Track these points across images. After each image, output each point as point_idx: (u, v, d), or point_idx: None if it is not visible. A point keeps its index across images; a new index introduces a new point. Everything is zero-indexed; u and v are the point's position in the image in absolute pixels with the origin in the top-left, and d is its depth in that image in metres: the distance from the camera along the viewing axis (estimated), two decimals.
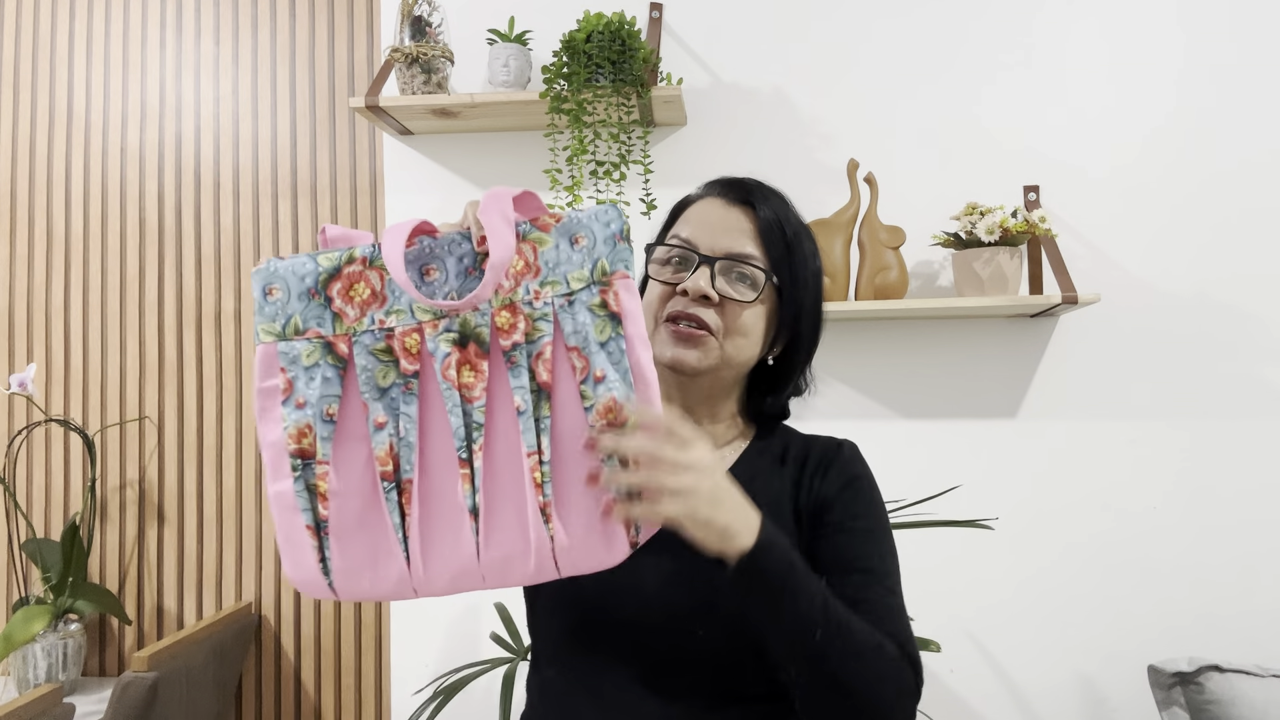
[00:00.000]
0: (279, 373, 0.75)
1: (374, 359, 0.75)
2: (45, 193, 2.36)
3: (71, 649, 2.08)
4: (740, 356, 0.97)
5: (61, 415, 2.32)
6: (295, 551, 0.75)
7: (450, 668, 2.02)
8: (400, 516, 0.75)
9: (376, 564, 0.75)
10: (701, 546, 0.77)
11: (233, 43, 2.32)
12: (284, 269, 0.76)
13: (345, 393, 0.75)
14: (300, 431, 0.74)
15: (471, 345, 0.75)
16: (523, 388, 0.75)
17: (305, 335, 0.75)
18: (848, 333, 2.04)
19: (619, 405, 0.76)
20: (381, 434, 0.75)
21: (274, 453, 0.75)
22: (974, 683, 1.99)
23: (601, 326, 0.77)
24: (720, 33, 2.12)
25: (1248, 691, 1.60)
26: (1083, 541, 1.98)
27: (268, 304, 0.76)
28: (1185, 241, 1.98)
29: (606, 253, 0.78)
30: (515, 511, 0.76)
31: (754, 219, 0.97)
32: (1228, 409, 1.96)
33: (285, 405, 0.75)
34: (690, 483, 0.75)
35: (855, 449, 1.04)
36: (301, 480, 0.74)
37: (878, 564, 0.94)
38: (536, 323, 0.76)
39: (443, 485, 0.75)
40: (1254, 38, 1.98)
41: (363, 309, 0.76)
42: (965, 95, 2.05)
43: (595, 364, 0.76)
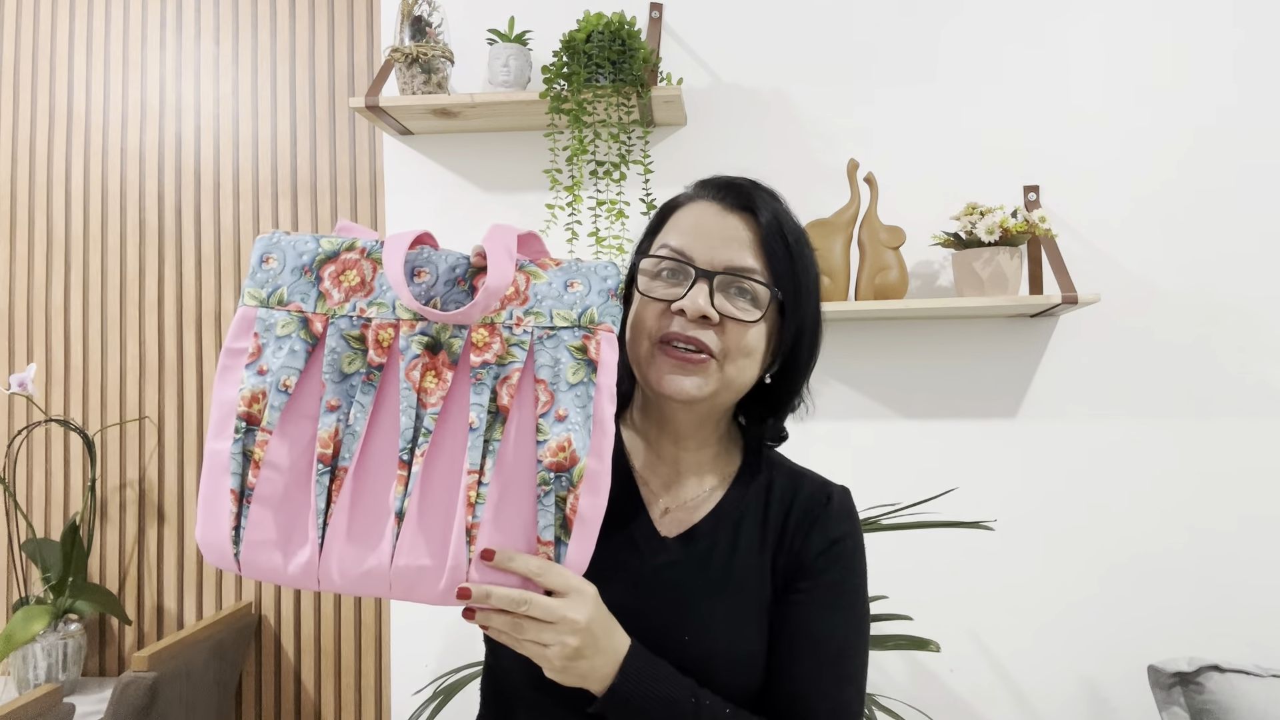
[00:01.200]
0: (251, 336, 0.77)
1: (345, 344, 0.77)
2: (45, 193, 2.36)
3: (71, 649, 2.08)
4: (742, 379, 0.89)
5: (61, 415, 2.32)
6: (212, 513, 0.75)
7: (450, 668, 2.02)
8: (325, 503, 0.75)
9: (289, 545, 0.75)
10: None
11: (233, 43, 2.32)
12: (286, 242, 0.79)
13: (307, 369, 0.76)
14: (254, 396, 0.75)
15: (441, 353, 0.76)
16: (481, 405, 0.75)
17: (287, 307, 0.77)
18: (848, 333, 2.04)
19: (571, 447, 0.75)
20: (330, 416, 0.75)
21: (223, 411, 0.76)
22: (974, 683, 1.99)
23: (576, 369, 0.77)
24: (720, 33, 2.12)
25: (1248, 691, 1.60)
26: (1082, 541, 1.98)
27: (261, 271, 0.78)
28: (1185, 241, 1.98)
29: (598, 303, 0.79)
30: (440, 525, 0.75)
31: (754, 227, 0.89)
32: (1227, 409, 1.96)
33: (248, 369, 0.76)
34: (549, 639, 0.74)
35: (845, 499, 0.96)
36: (240, 443, 0.75)
37: (834, 640, 0.89)
38: (511, 347, 0.77)
39: (376, 482, 0.76)
40: (1254, 38, 1.98)
41: (348, 294, 0.77)
42: (965, 95, 2.05)
43: (561, 401, 0.76)
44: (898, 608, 1.79)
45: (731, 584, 0.90)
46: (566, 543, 0.75)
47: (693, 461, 0.96)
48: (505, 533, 0.75)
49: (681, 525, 0.93)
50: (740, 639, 0.88)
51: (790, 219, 0.92)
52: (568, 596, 0.75)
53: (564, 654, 0.75)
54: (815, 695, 0.87)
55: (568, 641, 0.74)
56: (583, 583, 0.76)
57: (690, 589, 0.90)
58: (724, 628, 0.88)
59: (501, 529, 0.75)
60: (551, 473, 0.75)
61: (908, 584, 1.90)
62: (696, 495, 0.95)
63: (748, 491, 0.95)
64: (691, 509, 0.94)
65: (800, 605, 0.90)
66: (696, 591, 0.90)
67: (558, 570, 0.75)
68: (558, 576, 0.75)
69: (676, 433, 0.95)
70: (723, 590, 0.90)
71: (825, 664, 0.88)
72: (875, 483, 1.93)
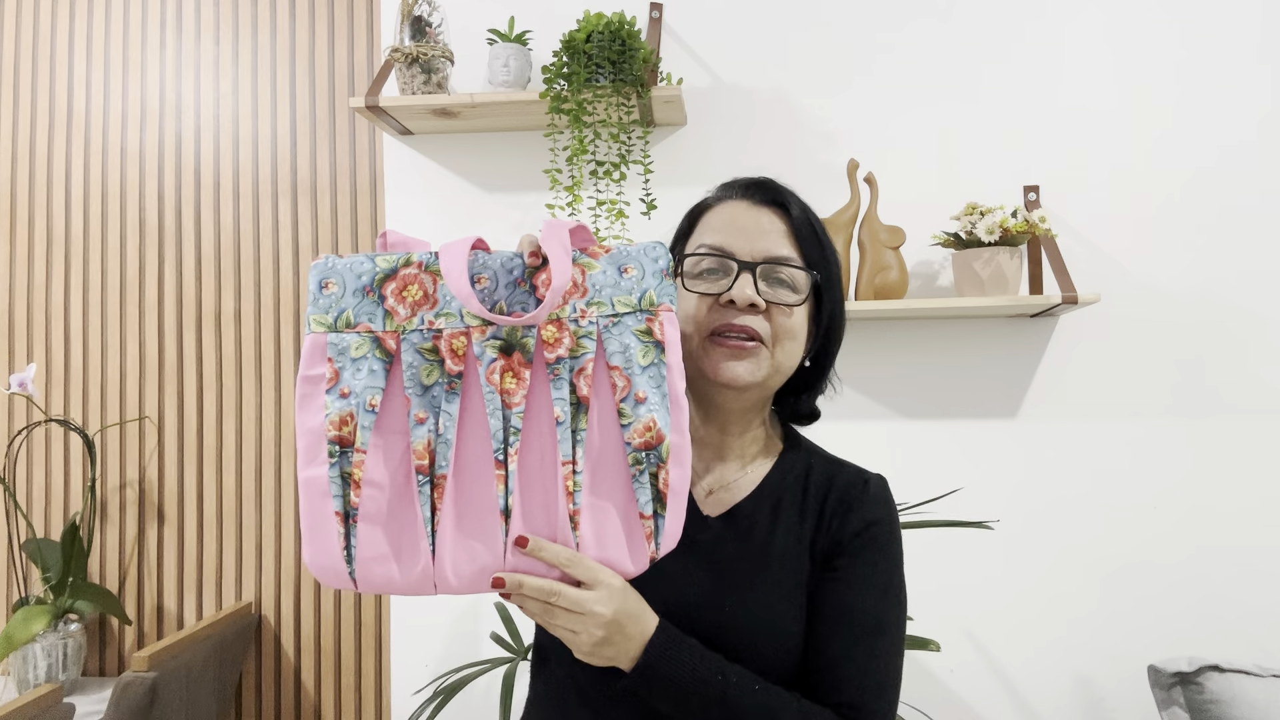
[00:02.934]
0: (325, 362, 0.78)
1: (420, 357, 0.78)
2: (45, 193, 2.36)
3: (71, 649, 2.08)
4: (790, 362, 0.96)
5: (61, 415, 2.32)
6: (320, 538, 0.77)
7: (450, 668, 2.02)
8: (431, 511, 0.77)
9: (401, 556, 0.77)
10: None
11: (233, 43, 2.32)
12: (342, 266, 0.79)
13: (389, 386, 0.78)
14: (342, 419, 0.77)
15: (516, 354, 0.78)
16: (563, 399, 0.78)
17: (356, 329, 0.78)
18: (848, 333, 2.02)
19: (656, 426, 0.80)
20: (421, 429, 0.77)
21: (311, 439, 0.77)
22: (974, 683, 1.99)
23: (645, 351, 0.81)
24: (720, 33, 2.12)
25: (1248, 691, 1.60)
26: (1082, 541, 1.98)
27: (323, 297, 0.79)
28: (1185, 241, 1.98)
29: (654, 285, 0.82)
30: (545, 517, 0.79)
31: (786, 219, 0.96)
32: (1228, 409, 1.96)
33: (329, 394, 0.77)
34: (577, 627, 0.79)
35: (883, 486, 1.00)
36: (337, 467, 0.76)
37: (869, 618, 0.92)
38: (581, 339, 0.80)
39: (476, 484, 0.78)
40: (1254, 37, 1.98)
41: (414, 309, 0.78)
42: (965, 95, 2.05)
43: (637, 385, 0.80)
44: None
45: (771, 561, 0.94)
46: (664, 515, 0.80)
47: (735, 446, 1.00)
48: (606, 514, 0.80)
49: (724, 505, 0.97)
50: (777, 612, 0.91)
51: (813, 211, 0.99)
52: (595, 589, 0.78)
53: (591, 641, 0.79)
54: (847, 670, 0.89)
55: (594, 632, 0.79)
56: (610, 575, 0.79)
57: (731, 563, 0.93)
58: (763, 601, 0.92)
59: (601, 511, 0.80)
60: (642, 452, 0.80)
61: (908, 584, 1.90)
62: (738, 477, 0.99)
63: (787, 475, 0.99)
64: (734, 490, 0.99)
65: (837, 582, 0.93)
66: (737, 566, 0.93)
67: (586, 563, 0.78)
68: (585, 570, 0.78)
69: (724, 420, 0.99)
70: (762, 566, 0.93)
71: (859, 640, 0.91)
72: None
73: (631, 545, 0.80)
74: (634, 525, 0.80)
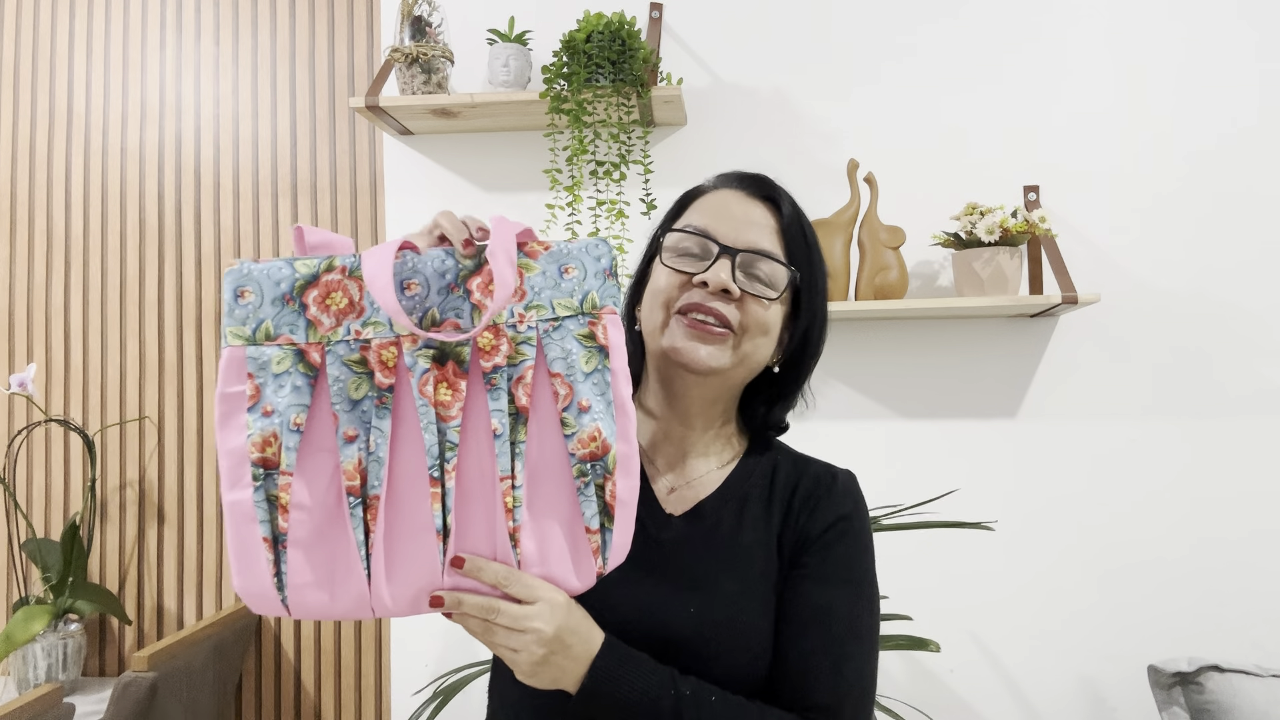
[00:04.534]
0: (246, 378, 0.72)
1: (347, 370, 0.73)
2: (45, 193, 2.36)
3: (71, 649, 2.08)
4: (756, 356, 0.93)
5: (61, 415, 2.32)
6: (249, 564, 0.72)
7: (450, 668, 2.02)
8: (364, 533, 0.73)
9: (334, 581, 0.73)
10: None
11: (233, 43, 2.32)
12: (259, 272, 0.73)
13: (315, 403, 0.73)
14: (265, 440, 0.71)
15: (450, 363, 0.74)
16: (501, 410, 0.74)
17: (276, 341, 0.73)
18: (848, 333, 2.04)
19: (602, 435, 0.76)
20: (351, 447, 0.72)
21: (234, 460, 0.72)
22: (974, 683, 2.00)
23: (589, 357, 0.77)
24: (720, 33, 2.12)
25: (1248, 691, 1.60)
26: (1082, 541, 1.98)
27: (239, 306, 0.73)
28: (1185, 241, 1.98)
29: (596, 286, 0.78)
30: (485, 534, 0.75)
31: (776, 215, 0.94)
32: (1228, 409, 1.96)
33: (251, 412, 0.72)
34: (517, 645, 0.76)
35: (851, 481, 0.98)
36: (262, 490, 0.71)
37: (839, 617, 0.89)
38: (519, 346, 0.75)
39: (411, 503, 0.74)
40: (1254, 38, 1.98)
41: (338, 318, 0.73)
42: (966, 95, 2.05)
43: (580, 393, 0.76)
44: (898, 608, 1.79)
45: (737, 559, 0.91)
46: (611, 528, 0.76)
47: (699, 442, 0.98)
48: (548, 529, 0.76)
49: (687, 503, 0.95)
50: (745, 613, 0.89)
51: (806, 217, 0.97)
52: (535, 605, 0.75)
53: (532, 660, 0.76)
54: (819, 672, 0.87)
55: (534, 650, 0.76)
56: (552, 591, 0.76)
57: (695, 564, 0.91)
58: (729, 601, 0.89)
59: (544, 526, 0.76)
60: (587, 463, 0.76)
61: (908, 584, 1.90)
62: (702, 474, 0.97)
63: (753, 472, 0.97)
64: (697, 487, 0.96)
65: (805, 580, 0.90)
66: (701, 566, 0.91)
67: (525, 580, 0.75)
68: (524, 587, 0.75)
69: (686, 411, 0.96)
70: (728, 565, 0.91)
71: (830, 640, 0.88)
72: (875, 483, 1.92)
73: (577, 561, 0.77)
74: (579, 540, 0.76)
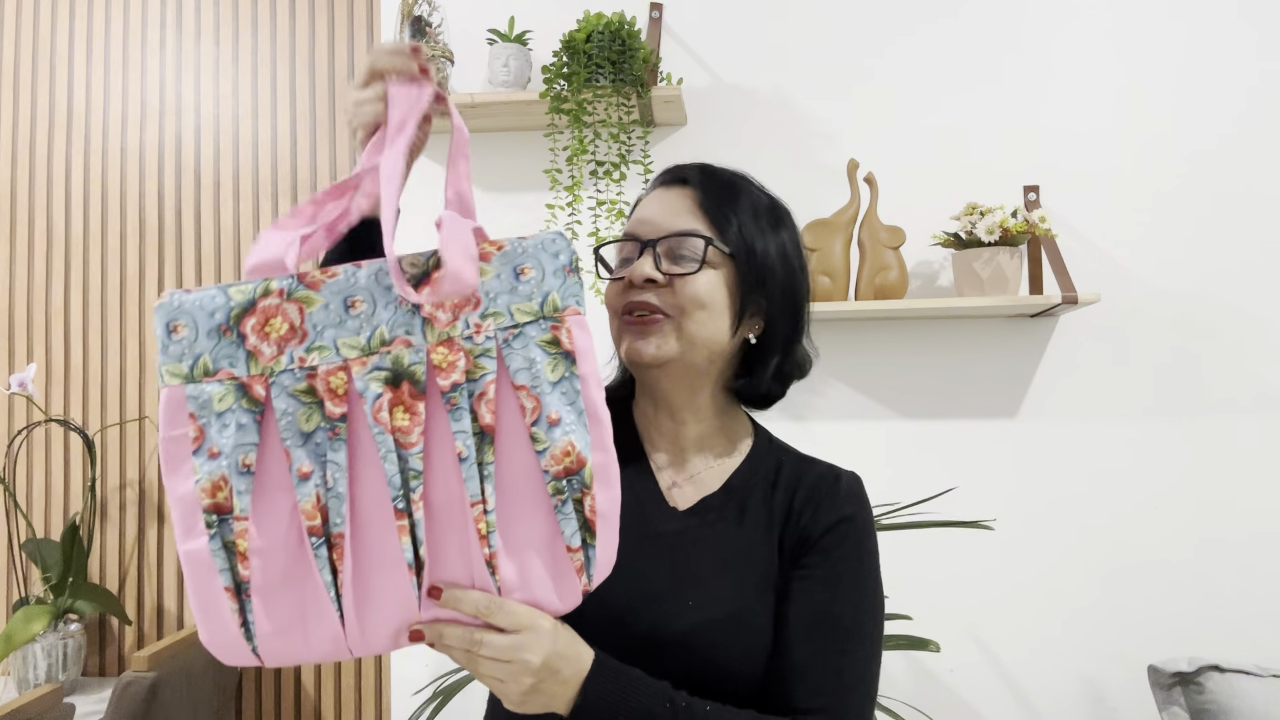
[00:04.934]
0: (188, 419, 0.66)
1: (295, 401, 0.67)
2: (45, 193, 2.36)
3: (71, 649, 2.08)
4: (704, 332, 0.90)
5: (61, 415, 2.32)
6: (212, 615, 0.67)
7: (450, 668, 2.02)
8: (332, 573, 0.68)
9: (306, 625, 0.69)
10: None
11: (233, 43, 2.32)
12: (190, 303, 0.67)
13: (264, 440, 0.67)
14: (215, 484, 0.66)
15: (405, 385, 0.68)
16: (464, 432, 0.68)
17: (216, 377, 0.66)
18: (848, 333, 2.04)
19: (576, 450, 0.71)
20: (307, 484, 0.67)
21: (185, 508, 0.66)
22: (974, 683, 1.99)
23: (554, 365, 0.71)
24: (720, 33, 2.12)
25: (1248, 691, 1.60)
26: (1082, 541, 1.98)
27: (173, 343, 0.67)
28: (1185, 241, 1.98)
29: (556, 286, 0.72)
30: (461, 563, 0.71)
31: (691, 194, 0.95)
32: (1228, 408, 1.96)
33: (197, 455, 0.66)
34: (504, 674, 0.73)
35: (855, 482, 0.97)
36: (218, 537, 0.66)
37: (841, 620, 0.88)
38: (478, 359, 0.69)
39: (378, 538, 0.69)
40: (1254, 38, 1.98)
41: (280, 346, 0.67)
42: (966, 95, 2.05)
43: (548, 405, 0.70)
44: (898, 608, 1.79)
45: (738, 556, 0.91)
46: (593, 544, 0.72)
47: (694, 436, 0.98)
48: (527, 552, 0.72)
49: (690, 500, 0.95)
50: (744, 610, 0.88)
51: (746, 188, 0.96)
52: (521, 634, 0.72)
53: (520, 690, 0.74)
54: (819, 674, 0.86)
55: (522, 680, 0.73)
56: (538, 618, 0.73)
57: (696, 559, 0.91)
58: (728, 596, 0.88)
59: (522, 550, 0.72)
60: (563, 480, 0.71)
61: (908, 584, 1.90)
62: (701, 470, 0.97)
63: (757, 471, 0.97)
64: (700, 484, 0.97)
65: (807, 580, 0.90)
66: (702, 561, 0.90)
67: (508, 608, 0.72)
68: (508, 616, 0.72)
69: (669, 405, 0.97)
70: (730, 562, 0.91)
71: (831, 642, 0.87)
72: (875, 483, 1.91)
73: (559, 582, 0.73)
74: (561, 560, 0.72)
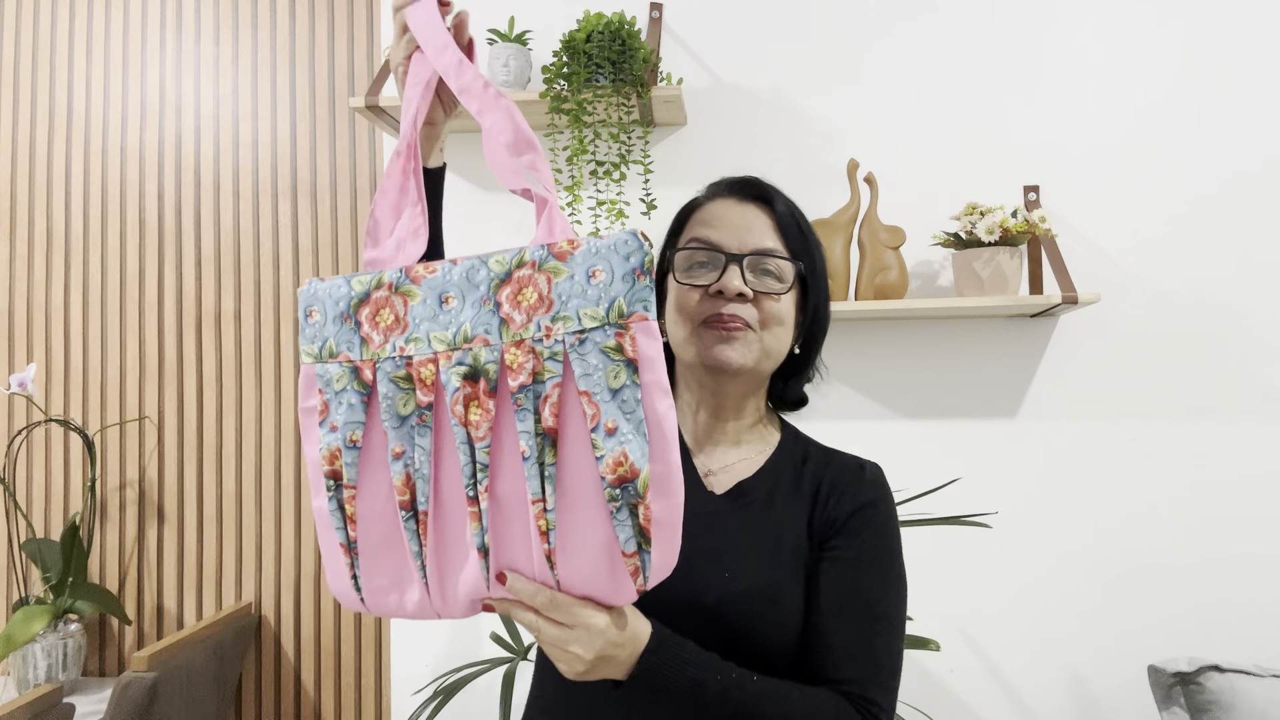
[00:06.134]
0: (317, 394, 0.77)
1: (395, 386, 0.74)
2: (45, 193, 2.36)
3: (71, 649, 2.08)
4: (778, 347, 0.99)
5: (61, 415, 2.32)
6: (332, 565, 0.78)
7: (450, 668, 2.02)
8: (419, 544, 0.76)
9: (400, 587, 0.78)
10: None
11: (233, 43, 2.32)
12: (322, 291, 0.77)
13: (369, 419, 0.75)
14: (332, 454, 0.75)
15: (481, 381, 0.72)
16: (528, 432, 0.70)
17: (337, 359, 0.76)
18: (848, 333, 2.04)
19: (629, 460, 0.69)
20: (398, 464, 0.74)
21: (314, 470, 0.77)
22: (974, 683, 1.99)
23: (616, 372, 0.70)
24: (720, 33, 2.12)
25: (1248, 691, 1.60)
26: (1083, 541, 1.98)
27: (308, 325, 0.77)
28: (1185, 241, 1.98)
29: (624, 291, 0.70)
30: (523, 555, 0.75)
31: (771, 214, 1.01)
32: (1228, 409, 1.96)
33: (321, 426, 0.76)
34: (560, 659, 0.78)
35: (878, 472, 1.03)
36: (335, 499, 0.76)
37: (868, 597, 0.94)
38: (547, 362, 0.70)
39: (454, 520, 0.76)
40: (1252, 38, 1.98)
41: (386, 334, 0.75)
42: (966, 95, 2.05)
43: (606, 413, 0.70)
44: None
45: (771, 537, 0.97)
46: (649, 550, 0.72)
47: (731, 431, 1.04)
48: (585, 553, 0.73)
49: (725, 485, 1.01)
50: (778, 583, 0.94)
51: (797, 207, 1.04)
52: (575, 630, 0.75)
53: (574, 672, 0.79)
54: (850, 648, 0.91)
55: (576, 667, 0.78)
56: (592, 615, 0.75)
57: (733, 535, 0.97)
58: (761, 571, 0.94)
59: (580, 550, 0.73)
60: (617, 488, 0.70)
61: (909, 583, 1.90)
62: (735, 462, 1.03)
63: (785, 461, 1.03)
64: (734, 472, 1.02)
65: (836, 562, 0.96)
66: (739, 537, 0.97)
67: (563, 606, 0.74)
68: (564, 613, 0.75)
69: (720, 407, 1.02)
70: (764, 539, 0.97)
71: (860, 619, 0.93)
72: None
73: (615, 583, 0.74)
74: (617, 562, 0.73)
